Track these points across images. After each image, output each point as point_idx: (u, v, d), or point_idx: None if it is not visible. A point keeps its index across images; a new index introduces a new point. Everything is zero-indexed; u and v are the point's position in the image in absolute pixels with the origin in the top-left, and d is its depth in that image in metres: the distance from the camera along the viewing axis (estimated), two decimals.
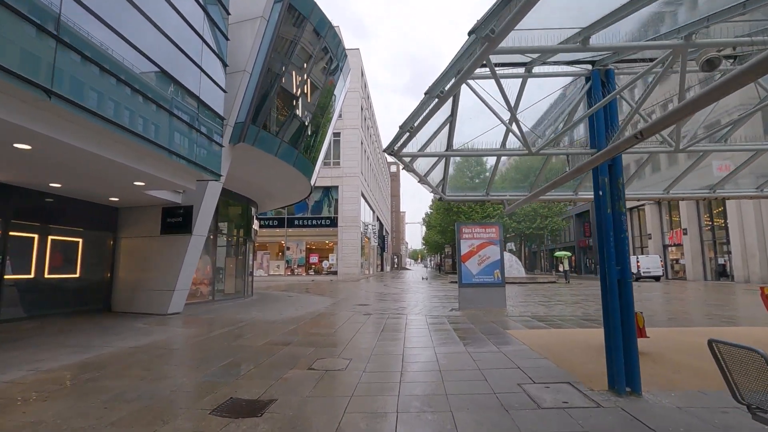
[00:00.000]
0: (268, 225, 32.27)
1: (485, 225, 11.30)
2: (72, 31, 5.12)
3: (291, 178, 13.28)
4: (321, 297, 15.64)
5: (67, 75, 5.06)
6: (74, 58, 5.16)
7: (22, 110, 4.88)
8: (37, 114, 5.06)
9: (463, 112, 4.97)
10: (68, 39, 5.03)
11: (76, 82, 5.20)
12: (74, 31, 5.16)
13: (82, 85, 5.31)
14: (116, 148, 6.35)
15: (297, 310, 11.15)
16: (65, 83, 5.00)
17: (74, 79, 5.18)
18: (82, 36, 5.27)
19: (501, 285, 10.99)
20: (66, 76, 5.03)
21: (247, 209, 15.06)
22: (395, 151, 4.15)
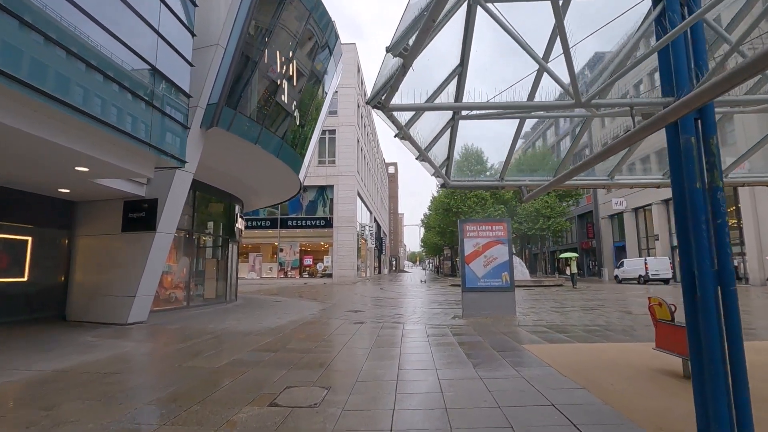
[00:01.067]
0: (261, 226, 31.02)
1: (492, 222, 10.06)
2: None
3: (276, 171, 12.04)
4: (311, 302, 14.37)
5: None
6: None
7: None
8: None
9: (476, 61, 3.74)
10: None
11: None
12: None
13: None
14: (43, 122, 5.09)
15: (280, 318, 9.88)
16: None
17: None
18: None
19: (510, 289, 9.75)
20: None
21: (229, 207, 13.79)
22: (383, 102, 2.90)
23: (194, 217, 11.56)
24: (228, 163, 10.92)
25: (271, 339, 6.97)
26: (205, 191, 12.24)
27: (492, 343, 6.45)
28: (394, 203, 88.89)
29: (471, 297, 9.76)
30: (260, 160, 10.84)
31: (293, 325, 8.57)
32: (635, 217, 34.19)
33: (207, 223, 12.79)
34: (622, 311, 10.57)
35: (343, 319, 9.59)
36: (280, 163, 11.20)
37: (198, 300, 12.37)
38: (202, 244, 12.85)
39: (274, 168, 11.68)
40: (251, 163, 11.08)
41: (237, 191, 13.72)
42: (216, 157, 10.22)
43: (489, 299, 9.72)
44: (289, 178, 13.11)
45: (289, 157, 11.41)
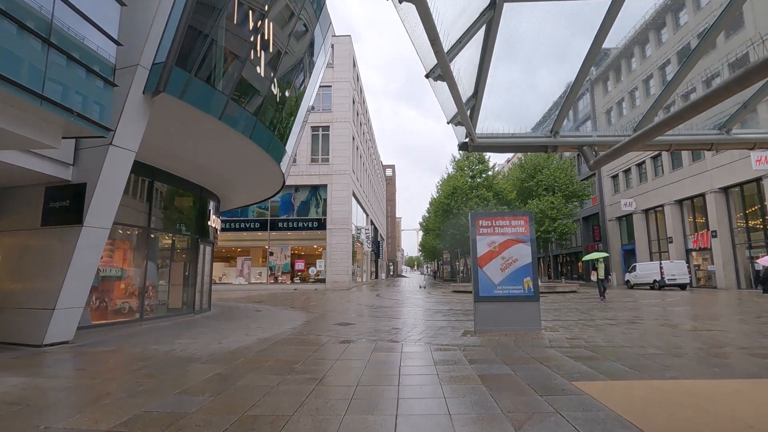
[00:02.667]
0: (250, 228, 29.15)
1: (511, 216, 8.21)
2: None
3: (252, 160, 10.20)
4: (296, 312, 12.47)
5: None
6: None
7: None
8: None
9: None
10: None
11: None
12: None
13: None
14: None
15: (250, 334, 7.98)
16: None
17: None
18: None
19: (534, 299, 7.88)
20: None
21: (200, 202, 11.90)
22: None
23: (152, 211, 9.67)
24: (189, 146, 9.07)
25: (222, 370, 5.08)
26: (168, 182, 10.36)
27: (527, 377, 4.58)
28: (391, 206, 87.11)
29: (486, 308, 7.89)
30: (230, 144, 8.99)
31: (260, 347, 6.67)
32: (645, 219, 32.44)
33: (171, 219, 10.89)
34: (669, 325, 8.71)
35: (327, 336, 7.70)
36: (256, 149, 9.36)
37: (161, 310, 10.47)
38: (166, 245, 10.95)
39: (249, 155, 9.84)
40: (219, 146, 9.23)
41: (209, 184, 11.84)
42: (171, 135, 8.37)
43: (508, 311, 7.85)
44: (269, 170, 11.26)
45: (265, 141, 9.56)
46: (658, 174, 30.63)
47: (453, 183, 33.80)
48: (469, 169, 34.91)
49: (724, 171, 23.95)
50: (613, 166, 36.19)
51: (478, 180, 35.02)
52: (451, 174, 36.03)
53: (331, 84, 30.28)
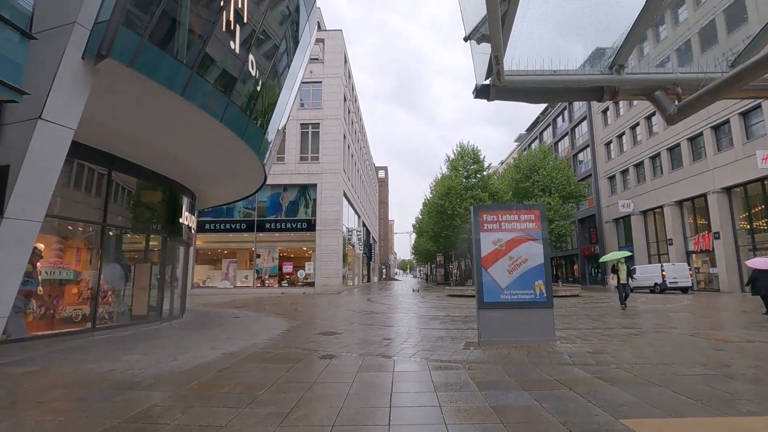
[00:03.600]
0: (236, 229, 27.88)
1: (520, 209, 7.15)
2: None
3: (227, 147, 9.02)
4: (278, 318, 11.30)
5: None
6: None
7: None
8: None
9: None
10: None
11: None
12: None
13: None
14: None
15: (216, 347, 6.81)
16: None
17: None
18: None
19: (547, 305, 6.81)
20: None
21: (170, 197, 10.70)
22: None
23: (108, 205, 8.46)
24: (152, 130, 7.89)
25: (162, 399, 3.93)
26: (130, 172, 9.17)
27: (557, 410, 3.49)
28: (384, 209, 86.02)
29: (491, 316, 6.80)
30: (199, 128, 7.83)
31: (223, 364, 5.52)
32: (644, 221, 31.69)
33: (134, 215, 9.69)
34: (699, 335, 7.70)
35: (307, 349, 6.57)
36: (230, 136, 8.20)
37: (122, 318, 9.26)
38: (129, 245, 9.74)
39: (223, 143, 8.68)
40: (187, 131, 8.07)
41: (180, 176, 10.65)
42: (128, 116, 7.20)
43: (517, 319, 6.78)
44: (248, 162, 10.10)
45: (239, 127, 8.41)
46: (656, 174, 29.90)
47: (447, 183, 32.78)
48: (463, 169, 33.94)
49: (727, 170, 23.22)
50: (611, 166, 35.49)
51: (472, 180, 34.05)
52: (445, 174, 35.04)
53: (322, 80, 29.19)
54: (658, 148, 29.38)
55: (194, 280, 27.52)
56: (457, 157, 34.66)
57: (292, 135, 28.40)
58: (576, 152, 42.00)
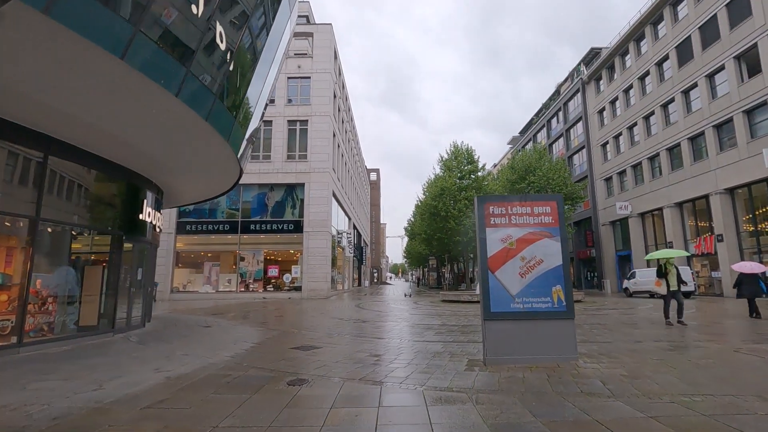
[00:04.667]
0: (219, 230, 26.47)
1: (534, 200, 5.98)
2: None
3: (191, 130, 7.74)
4: (252, 328, 10.01)
5: None
6: None
7: None
8: None
9: None
10: None
11: None
12: None
13: None
14: None
15: (161, 369, 5.52)
16: None
17: None
18: None
19: (567, 315, 5.63)
20: None
21: (129, 189, 9.38)
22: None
23: (42, 196, 7.13)
24: (92, 105, 6.59)
25: None
26: (73, 158, 7.84)
27: None
28: (376, 212, 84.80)
29: (500, 329, 5.60)
30: (152, 104, 6.57)
31: (157, 396, 4.25)
32: (642, 223, 30.83)
33: (81, 210, 8.36)
34: (745, 350, 6.57)
35: (273, 372, 5.31)
36: (193, 116, 6.95)
37: (66, 330, 7.92)
38: (75, 244, 8.40)
39: (184, 125, 7.41)
40: (137, 108, 6.78)
41: (140, 166, 9.32)
42: (57, 84, 5.90)
43: (531, 333, 5.59)
44: (218, 151, 8.81)
45: (203, 105, 7.14)
46: (655, 175, 29.07)
47: (440, 184, 31.65)
48: (457, 169, 32.86)
49: (731, 170, 22.39)
50: (607, 168, 34.69)
51: (466, 182, 32.98)
52: (439, 175, 33.93)
53: (310, 75, 27.99)
54: (656, 149, 28.57)
55: (174, 285, 26.07)
56: (450, 157, 33.58)
57: (279, 132, 27.14)
58: (571, 154, 41.20)
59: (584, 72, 40.13)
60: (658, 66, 28.56)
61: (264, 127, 27.42)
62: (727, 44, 22.53)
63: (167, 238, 26.02)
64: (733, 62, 22.15)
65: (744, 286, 11.43)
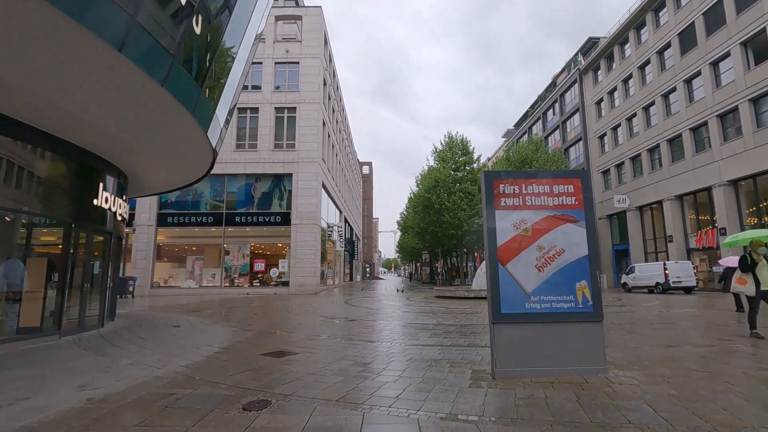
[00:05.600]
0: (202, 223, 25.19)
1: (553, 177, 4.92)
2: None
3: (147, 101, 6.55)
4: (225, 328, 8.91)
5: None
6: None
7: None
8: None
9: None
10: None
11: None
12: None
13: None
14: None
15: (87, 385, 4.40)
16: None
17: None
18: None
19: (595, 318, 4.60)
20: None
21: (81, 171, 8.18)
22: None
23: None
24: (34, 69, 5.39)
25: None
26: (11, 132, 6.64)
27: None
28: (368, 206, 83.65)
29: (512, 334, 4.56)
30: (105, 71, 5.41)
31: (66, 426, 3.14)
32: (640, 217, 30.08)
33: (22, 194, 7.16)
34: None
35: (229, 389, 4.22)
36: (156, 88, 5.79)
37: (7, 331, 6.78)
38: (13, 234, 7.21)
39: (140, 93, 6.25)
40: (85, 73, 5.59)
41: (96, 146, 8.11)
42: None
43: (551, 338, 4.55)
44: (185, 130, 7.62)
45: (159, 68, 5.97)
46: (655, 168, 28.28)
47: (435, 175, 30.58)
48: (452, 161, 31.80)
49: (734, 162, 21.60)
50: (604, 160, 33.87)
51: (461, 173, 31.95)
52: (432, 167, 32.84)
53: (299, 60, 26.69)
54: (656, 140, 27.75)
55: (154, 279, 24.81)
56: (445, 148, 32.51)
57: (266, 120, 25.85)
58: (567, 146, 40.34)
59: (581, 62, 39.19)
60: (659, 54, 27.67)
61: (250, 114, 26.16)
62: (734, 30, 21.65)
63: (147, 230, 24.76)
64: (740, 48, 21.28)
65: (729, 280, 10.95)
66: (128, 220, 24.42)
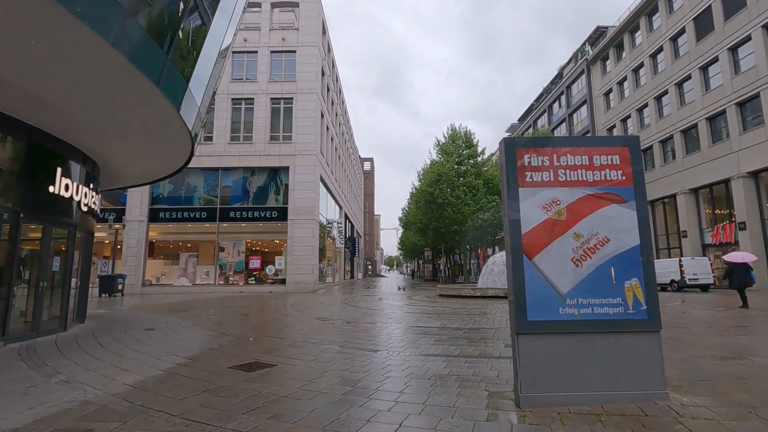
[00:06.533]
0: (195, 218, 24.20)
1: (593, 145, 3.84)
2: None
3: (90, 60, 5.49)
4: (203, 332, 7.89)
5: None
6: None
7: None
8: None
9: None
10: None
11: None
12: None
13: None
14: None
15: None
16: None
17: None
18: None
19: (651, 325, 3.53)
20: None
21: (33, 154, 7.13)
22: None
23: None
24: None
25: None
26: None
27: None
28: (370, 202, 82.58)
29: (542, 349, 3.50)
30: (47, 30, 4.39)
31: None
32: (652, 211, 28.86)
33: None
34: None
35: (166, 423, 3.17)
36: (94, 40, 4.75)
37: None
38: None
39: (94, 61, 5.22)
40: (18, 31, 4.55)
41: (49, 124, 7.07)
42: None
43: (593, 353, 3.49)
44: (148, 101, 6.58)
45: (105, 24, 4.92)
46: (668, 160, 27.08)
47: (437, 169, 29.42)
48: (455, 154, 30.67)
49: (755, 152, 20.40)
50: None
51: (464, 167, 30.80)
52: (435, 160, 31.70)
53: (296, 49, 25.60)
54: (669, 131, 26.54)
55: (146, 277, 23.84)
56: (448, 141, 31.37)
57: (262, 111, 24.79)
58: None
59: (589, 52, 37.90)
60: (672, 41, 26.41)
61: (245, 106, 25.11)
62: (754, 12, 20.40)
63: (138, 226, 23.79)
64: (761, 32, 20.04)
65: (734, 276, 11.34)
66: (117, 215, 23.60)
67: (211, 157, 24.27)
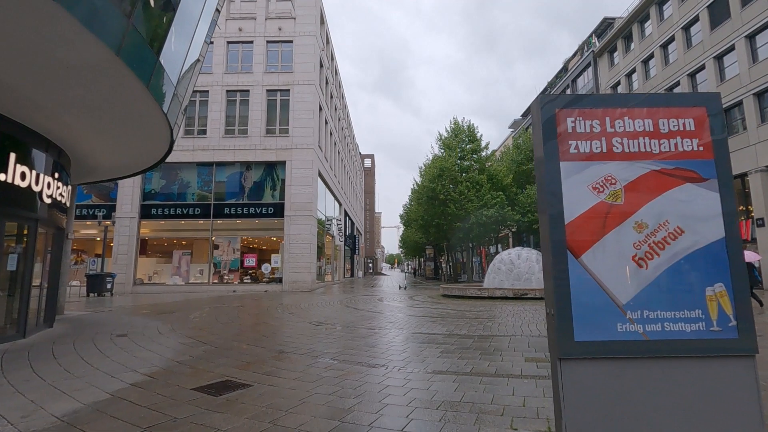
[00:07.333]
0: (188, 214, 23.33)
1: (659, 105, 2.89)
2: None
3: (31, 19, 4.57)
4: (176, 340, 6.98)
5: None
6: None
7: None
8: None
9: None
10: None
11: None
12: None
13: None
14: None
15: None
16: None
17: None
18: None
19: (741, 347, 2.59)
20: None
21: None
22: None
23: None
24: None
25: None
26: None
27: None
28: (370, 199, 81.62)
29: (595, 380, 2.55)
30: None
31: None
32: None
33: None
34: None
35: None
36: (68, 20, 3.83)
37: None
38: None
39: (41, 24, 4.29)
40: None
41: (21, 113, 6.15)
42: None
43: (664, 387, 2.54)
44: (111, 74, 5.64)
45: None
46: None
47: (439, 164, 28.42)
48: (458, 148, 29.67)
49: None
50: None
51: (467, 162, 29.80)
52: (437, 155, 30.70)
53: (293, 39, 24.63)
54: None
55: (137, 276, 22.96)
56: (450, 135, 30.36)
57: (257, 104, 23.86)
58: None
59: (596, 44, 36.82)
60: (684, 30, 25.36)
61: (240, 98, 24.17)
62: None
63: (130, 223, 22.91)
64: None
65: None
66: (107, 212, 22.70)
67: (205, 151, 23.38)
